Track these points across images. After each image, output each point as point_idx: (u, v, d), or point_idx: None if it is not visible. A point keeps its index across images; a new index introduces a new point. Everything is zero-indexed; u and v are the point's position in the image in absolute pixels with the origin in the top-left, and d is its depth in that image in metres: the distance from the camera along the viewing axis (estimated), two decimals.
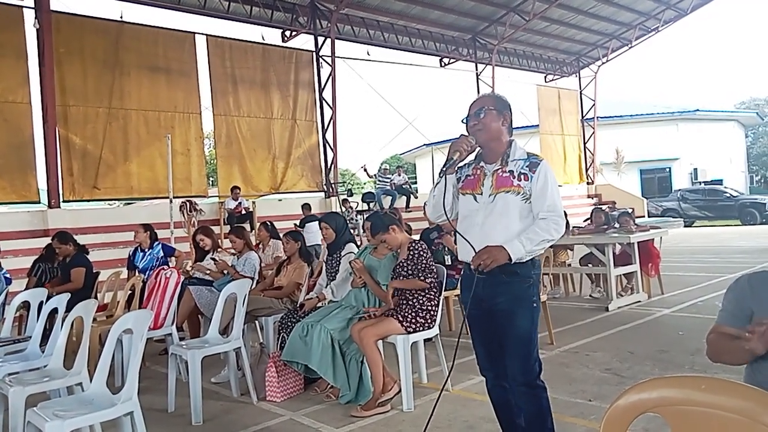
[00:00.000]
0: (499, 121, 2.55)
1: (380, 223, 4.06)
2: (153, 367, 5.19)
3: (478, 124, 2.53)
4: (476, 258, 2.40)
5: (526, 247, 2.40)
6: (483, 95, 2.73)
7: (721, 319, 1.88)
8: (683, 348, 4.76)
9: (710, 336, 1.89)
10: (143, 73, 12.61)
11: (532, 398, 2.51)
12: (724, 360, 1.86)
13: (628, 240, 6.69)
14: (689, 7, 19.69)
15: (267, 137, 14.66)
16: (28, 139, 11.13)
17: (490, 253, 2.38)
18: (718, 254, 11.51)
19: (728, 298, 1.89)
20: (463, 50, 19.16)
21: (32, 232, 10.72)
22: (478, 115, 2.54)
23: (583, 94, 23.09)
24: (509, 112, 2.60)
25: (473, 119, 2.55)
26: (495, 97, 2.66)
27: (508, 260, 2.39)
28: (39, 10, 11.10)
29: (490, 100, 2.61)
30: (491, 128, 2.53)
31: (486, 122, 2.53)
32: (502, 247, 2.39)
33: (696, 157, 26.94)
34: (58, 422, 2.51)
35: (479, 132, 2.53)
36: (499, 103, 2.59)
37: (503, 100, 2.64)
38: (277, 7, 14.58)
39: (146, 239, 6.00)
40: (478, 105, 2.58)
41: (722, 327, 1.85)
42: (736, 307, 1.85)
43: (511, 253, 2.39)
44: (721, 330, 1.85)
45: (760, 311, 1.77)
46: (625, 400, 1.20)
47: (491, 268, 2.39)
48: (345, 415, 3.67)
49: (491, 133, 2.54)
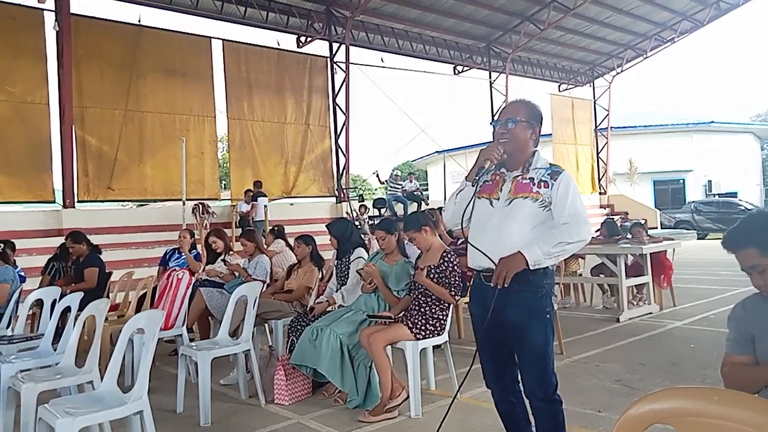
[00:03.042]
0: (528, 133, 2.49)
1: (415, 221, 3.99)
2: (163, 368, 5.22)
3: (506, 134, 2.46)
4: (494, 277, 2.34)
5: (542, 248, 2.33)
6: (518, 102, 2.58)
7: (729, 348, 1.90)
8: (694, 361, 4.71)
9: (724, 369, 1.89)
10: (160, 76, 12.77)
11: (550, 413, 2.45)
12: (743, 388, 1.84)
13: (641, 251, 6.64)
14: (706, 18, 19.58)
15: (280, 142, 14.76)
16: (45, 139, 11.31)
17: (506, 266, 2.32)
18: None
19: (730, 327, 1.92)
20: (477, 58, 19.19)
21: (47, 232, 10.85)
22: (508, 124, 2.47)
23: (597, 104, 23.00)
24: (539, 125, 2.53)
25: (502, 128, 2.48)
26: (529, 108, 2.54)
27: (525, 266, 2.33)
28: (59, 12, 11.29)
29: (523, 111, 2.51)
30: (518, 139, 2.47)
31: (515, 133, 2.46)
32: (517, 253, 2.33)
33: (710, 169, 26.70)
34: (69, 419, 2.53)
35: (506, 142, 2.46)
36: (533, 116, 2.51)
37: (537, 112, 2.55)
38: (292, 12, 14.70)
39: (188, 244, 6.27)
40: (510, 113, 2.50)
41: (733, 357, 1.87)
42: (738, 335, 1.87)
43: (527, 256, 2.32)
44: (734, 360, 1.86)
45: (759, 334, 1.80)
46: (637, 409, 1.19)
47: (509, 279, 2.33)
48: (353, 420, 3.66)
49: (517, 144, 2.47)
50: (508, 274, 2.31)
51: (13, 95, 10.91)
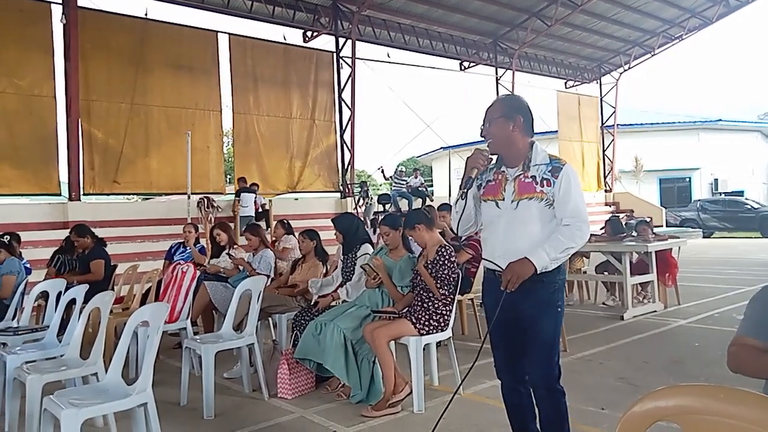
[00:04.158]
0: (509, 127, 2.46)
1: (409, 219, 4.08)
2: (167, 361, 5.24)
3: (487, 136, 2.49)
4: (503, 283, 2.37)
5: (550, 255, 2.36)
6: (493, 102, 2.57)
7: (743, 329, 1.80)
8: (699, 359, 4.70)
9: (732, 348, 1.81)
10: (166, 70, 12.77)
11: (552, 402, 2.50)
12: (746, 373, 1.81)
13: (646, 249, 6.61)
14: (714, 15, 19.44)
15: (285, 136, 14.76)
16: (51, 132, 11.35)
17: (514, 272, 2.34)
18: (737, 266, 11.32)
19: (752, 307, 1.83)
20: (483, 54, 19.11)
21: (52, 224, 10.89)
22: (485, 127, 2.49)
23: (604, 101, 22.89)
24: (521, 114, 2.48)
25: (483, 131, 2.51)
26: (503, 102, 2.55)
27: (533, 271, 2.35)
28: (66, 5, 11.30)
29: (497, 109, 2.50)
30: (500, 137, 2.47)
31: (494, 132, 2.47)
32: (525, 259, 2.35)
33: (717, 168, 26.55)
34: (74, 410, 2.55)
35: (490, 144, 2.49)
36: (507, 108, 2.49)
37: (513, 103, 2.54)
38: (299, 7, 14.67)
39: (193, 238, 6.42)
40: (487, 116, 2.52)
41: (745, 339, 1.78)
42: (762, 317, 1.79)
43: (536, 263, 2.34)
44: (745, 342, 1.78)
45: None
46: (641, 407, 1.18)
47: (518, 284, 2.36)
48: (355, 414, 3.67)
49: (501, 142, 2.48)
50: (517, 280, 2.34)
51: (21, 88, 10.93)
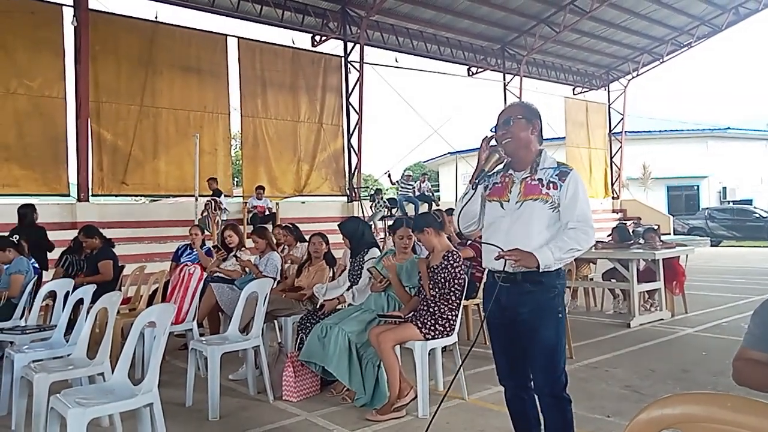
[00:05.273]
0: (528, 130, 2.52)
1: (419, 222, 4.07)
2: (173, 362, 5.25)
3: (506, 134, 2.50)
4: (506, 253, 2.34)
5: (555, 254, 2.36)
6: (511, 104, 2.69)
7: (747, 342, 1.80)
8: (706, 368, 4.67)
9: (737, 363, 1.81)
10: (175, 72, 12.86)
11: (558, 410, 2.49)
12: (752, 387, 1.80)
13: (653, 256, 6.58)
14: (724, 23, 19.38)
15: (293, 140, 14.81)
16: (61, 133, 11.45)
17: (520, 253, 2.34)
18: (745, 275, 11.25)
19: (755, 321, 1.82)
20: (491, 60, 19.13)
21: (61, 224, 10.93)
22: (507, 124, 2.51)
23: (612, 108, 22.83)
24: (539, 120, 2.56)
25: (502, 128, 2.52)
26: (523, 106, 2.64)
27: (536, 267, 2.36)
28: (77, 8, 11.40)
29: (518, 109, 2.59)
30: (520, 137, 2.50)
31: (514, 131, 2.50)
32: (531, 253, 2.35)
33: (725, 176, 26.42)
34: (80, 410, 2.56)
35: (508, 142, 2.50)
36: (528, 112, 2.56)
37: (532, 108, 2.61)
38: (308, 12, 14.75)
39: (199, 240, 6.40)
40: (506, 114, 2.55)
41: (750, 352, 1.78)
42: (765, 330, 1.78)
43: (540, 259, 2.34)
44: (749, 356, 1.78)
45: None
46: (647, 414, 1.18)
47: (517, 268, 2.38)
48: (360, 418, 3.67)
49: (520, 142, 2.51)
50: (518, 261, 2.34)
51: (32, 89, 11.04)
